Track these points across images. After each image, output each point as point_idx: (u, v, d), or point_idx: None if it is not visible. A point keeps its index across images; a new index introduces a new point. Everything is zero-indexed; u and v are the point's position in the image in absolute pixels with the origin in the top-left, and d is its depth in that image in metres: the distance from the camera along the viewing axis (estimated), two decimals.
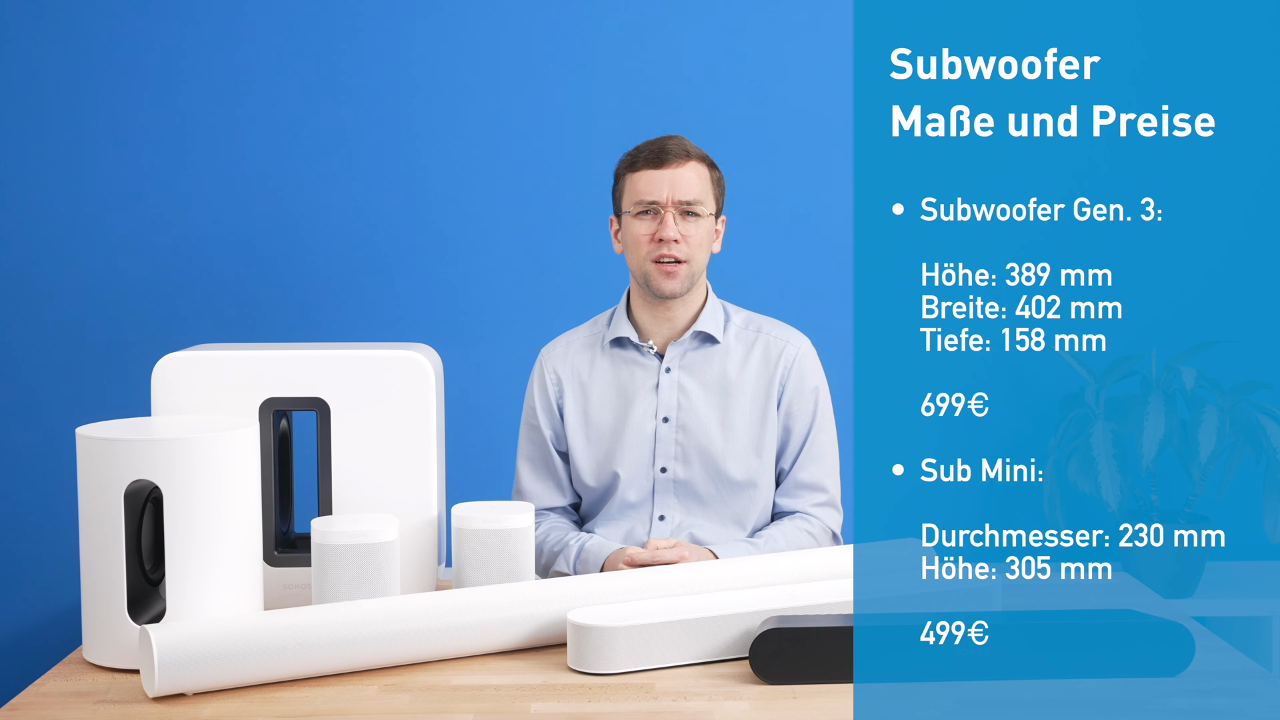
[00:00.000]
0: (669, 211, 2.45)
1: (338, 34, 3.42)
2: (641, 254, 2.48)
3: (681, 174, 2.46)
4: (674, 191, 2.45)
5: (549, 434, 2.56)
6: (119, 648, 1.94)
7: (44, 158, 3.39)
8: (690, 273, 2.47)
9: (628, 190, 2.50)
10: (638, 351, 2.54)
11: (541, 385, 2.57)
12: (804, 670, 1.86)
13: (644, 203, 2.47)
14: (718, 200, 2.52)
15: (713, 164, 2.52)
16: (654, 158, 2.47)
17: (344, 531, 2.03)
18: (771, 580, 2.14)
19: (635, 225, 2.48)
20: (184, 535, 1.92)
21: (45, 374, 3.42)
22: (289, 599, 2.23)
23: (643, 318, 2.55)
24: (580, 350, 2.58)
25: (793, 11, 3.40)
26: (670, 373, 2.52)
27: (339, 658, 1.90)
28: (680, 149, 2.47)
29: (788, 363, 2.53)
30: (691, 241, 2.46)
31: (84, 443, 1.95)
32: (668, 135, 2.51)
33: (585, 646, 1.90)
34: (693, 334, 2.53)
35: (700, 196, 2.47)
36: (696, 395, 2.51)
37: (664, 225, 2.45)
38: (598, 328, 2.61)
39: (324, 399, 2.22)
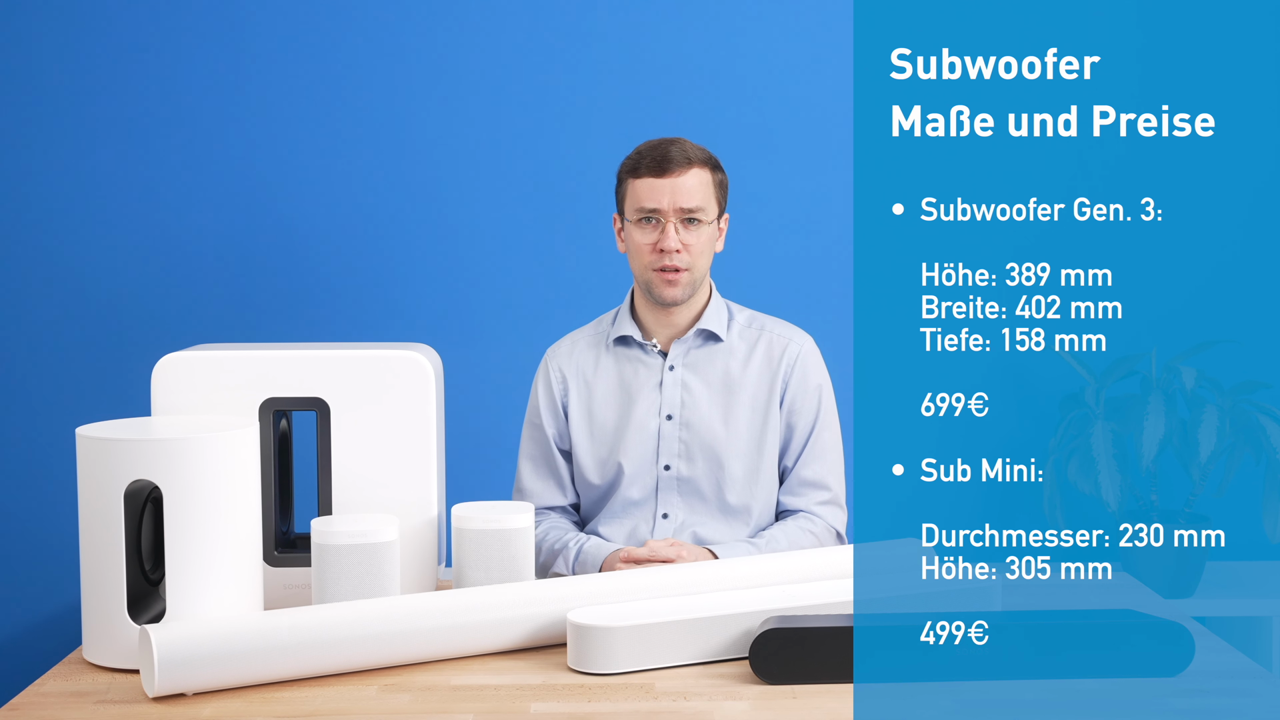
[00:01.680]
0: (670, 221, 2.45)
1: (339, 32, 3.41)
2: (644, 262, 2.48)
3: (683, 182, 2.46)
4: (676, 200, 2.45)
5: (552, 433, 2.56)
6: (119, 648, 1.94)
7: (42, 156, 3.39)
8: (692, 279, 2.48)
9: (630, 195, 2.50)
10: (641, 350, 2.55)
11: (547, 384, 2.58)
12: (804, 670, 1.86)
13: (645, 210, 2.47)
14: (720, 203, 2.52)
15: (716, 165, 2.52)
16: (655, 165, 2.46)
17: (344, 531, 2.03)
18: (772, 580, 2.15)
19: (637, 233, 2.49)
20: (184, 535, 1.92)
21: (45, 374, 3.42)
22: (289, 599, 2.23)
23: (646, 318, 2.55)
24: (585, 349, 2.59)
25: (793, 11, 3.40)
26: (674, 370, 2.52)
27: (339, 658, 1.90)
28: (682, 155, 2.47)
29: (790, 360, 2.53)
30: (694, 249, 2.47)
31: (84, 443, 1.95)
32: (670, 139, 2.50)
33: (585, 646, 1.90)
34: (696, 332, 2.54)
35: (702, 204, 2.47)
36: (700, 393, 2.51)
37: (665, 235, 2.45)
38: (602, 327, 2.62)
39: (324, 399, 2.22)
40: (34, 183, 3.40)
